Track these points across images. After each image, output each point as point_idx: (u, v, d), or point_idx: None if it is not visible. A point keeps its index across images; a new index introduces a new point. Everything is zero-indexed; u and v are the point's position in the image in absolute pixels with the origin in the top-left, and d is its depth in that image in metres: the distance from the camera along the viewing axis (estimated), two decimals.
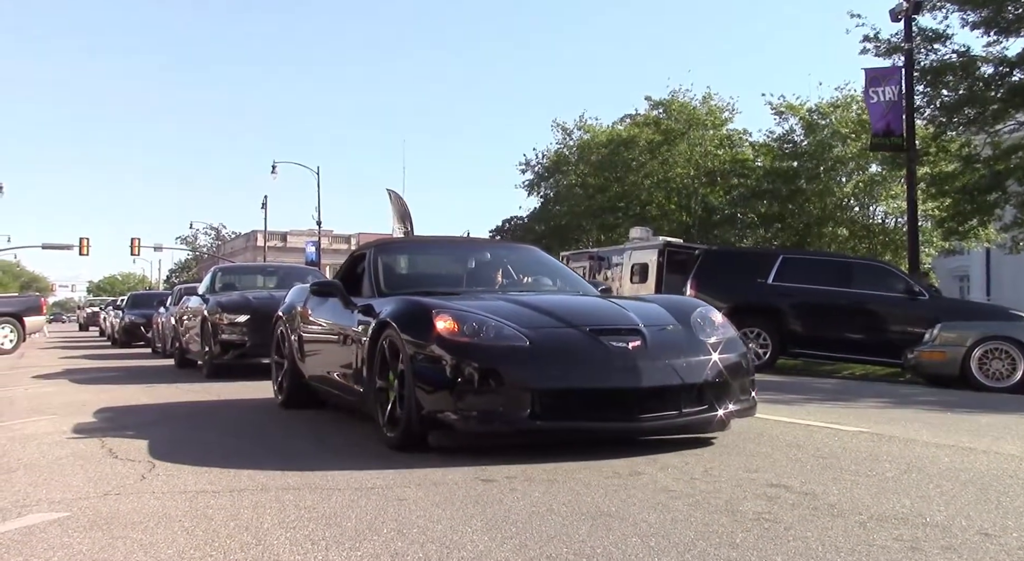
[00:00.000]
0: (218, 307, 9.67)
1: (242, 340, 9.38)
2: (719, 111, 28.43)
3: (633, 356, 4.08)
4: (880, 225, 25.35)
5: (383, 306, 4.67)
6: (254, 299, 9.87)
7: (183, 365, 11.45)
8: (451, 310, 4.26)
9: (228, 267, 14.43)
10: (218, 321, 9.48)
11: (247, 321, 9.40)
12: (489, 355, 3.99)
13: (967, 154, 17.15)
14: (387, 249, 6.02)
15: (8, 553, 2.60)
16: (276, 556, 2.51)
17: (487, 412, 3.94)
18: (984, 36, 15.92)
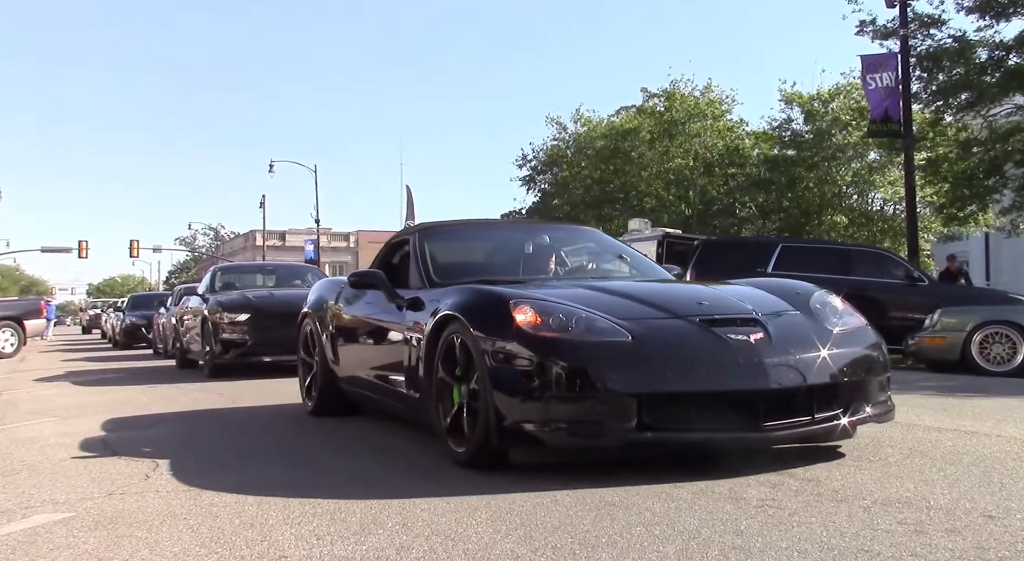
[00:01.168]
0: (218, 306, 9.63)
1: (243, 339, 9.35)
2: (719, 102, 28.42)
3: (756, 351, 3.40)
4: (879, 212, 25.36)
5: (440, 298, 4.05)
6: (254, 298, 9.83)
7: (184, 365, 11.42)
8: (532, 300, 3.63)
9: (227, 266, 14.34)
10: (219, 320, 9.45)
11: (248, 320, 9.38)
12: (583, 353, 3.35)
13: (964, 139, 17.15)
14: (434, 234, 5.27)
15: (14, 554, 2.60)
16: (282, 552, 2.51)
17: (584, 422, 3.31)
18: (979, 20, 15.92)
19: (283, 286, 11.34)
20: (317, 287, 6.36)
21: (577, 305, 3.62)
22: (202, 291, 11.13)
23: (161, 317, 15.84)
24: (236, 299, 9.87)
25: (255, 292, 10.39)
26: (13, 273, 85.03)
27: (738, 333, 3.49)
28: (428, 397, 3.96)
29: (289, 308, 9.53)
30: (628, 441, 3.32)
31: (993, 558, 2.32)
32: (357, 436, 4.83)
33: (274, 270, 12.94)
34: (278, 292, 10.56)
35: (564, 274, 5.01)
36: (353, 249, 60.11)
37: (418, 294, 4.43)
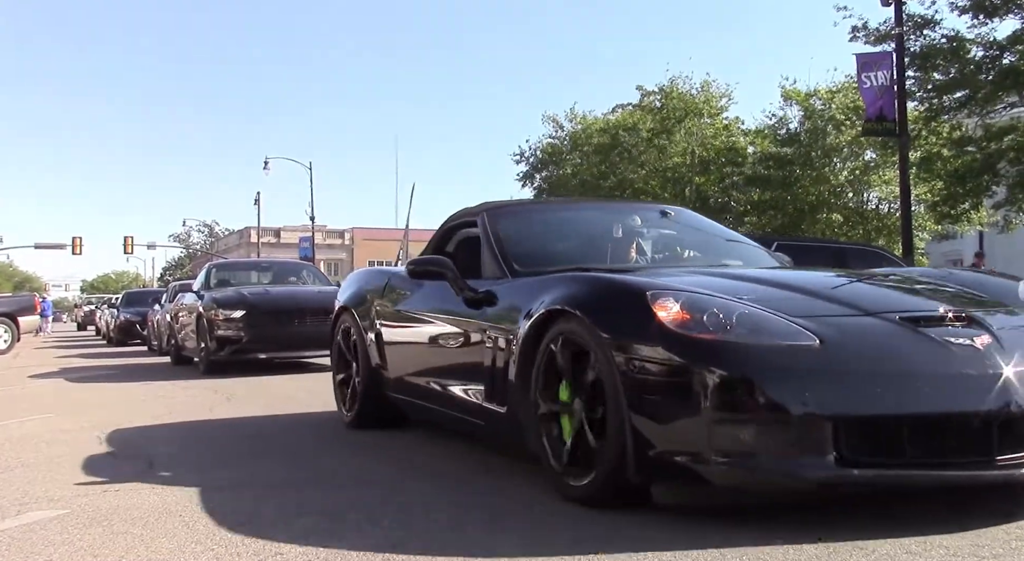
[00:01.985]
0: (213, 303, 9.62)
1: (238, 336, 9.33)
2: (716, 99, 28.44)
3: (987, 359, 2.59)
4: (874, 211, 25.42)
5: (531, 290, 3.30)
6: (249, 295, 9.83)
7: (180, 362, 11.37)
8: (674, 290, 2.80)
9: (223, 263, 14.27)
10: (214, 317, 9.43)
11: (243, 316, 9.37)
12: (756, 361, 2.53)
13: (959, 137, 17.21)
14: (507, 214, 4.38)
15: (9, 550, 2.60)
16: (278, 549, 2.51)
17: (763, 455, 2.48)
18: (973, 20, 15.96)
19: (278, 283, 11.35)
20: (355, 279, 5.52)
21: (732, 298, 2.82)
22: (197, 288, 11.06)
23: (156, 314, 15.75)
24: (231, 296, 9.85)
25: (250, 289, 10.39)
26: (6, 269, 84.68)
27: (957, 335, 2.67)
28: (523, 414, 3.18)
29: (284, 305, 9.68)
30: (826, 480, 2.46)
31: None
32: (352, 434, 4.82)
33: (269, 267, 12.90)
34: (273, 289, 10.56)
35: (662, 261, 4.19)
36: (348, 246, 60.03)
37: (496, 286, 3.65)
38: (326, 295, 9.99)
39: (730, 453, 2.49)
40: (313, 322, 9.30)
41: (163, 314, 14.60)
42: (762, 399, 2.47)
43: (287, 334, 9.37)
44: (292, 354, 9.58)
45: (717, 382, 2.50)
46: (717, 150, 27.64)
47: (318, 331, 9.15)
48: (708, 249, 4.36)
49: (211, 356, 9.46)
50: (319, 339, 9.17)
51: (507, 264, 3.78)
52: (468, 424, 3.75)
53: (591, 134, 30.01)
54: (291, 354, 9.57)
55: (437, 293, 4.03)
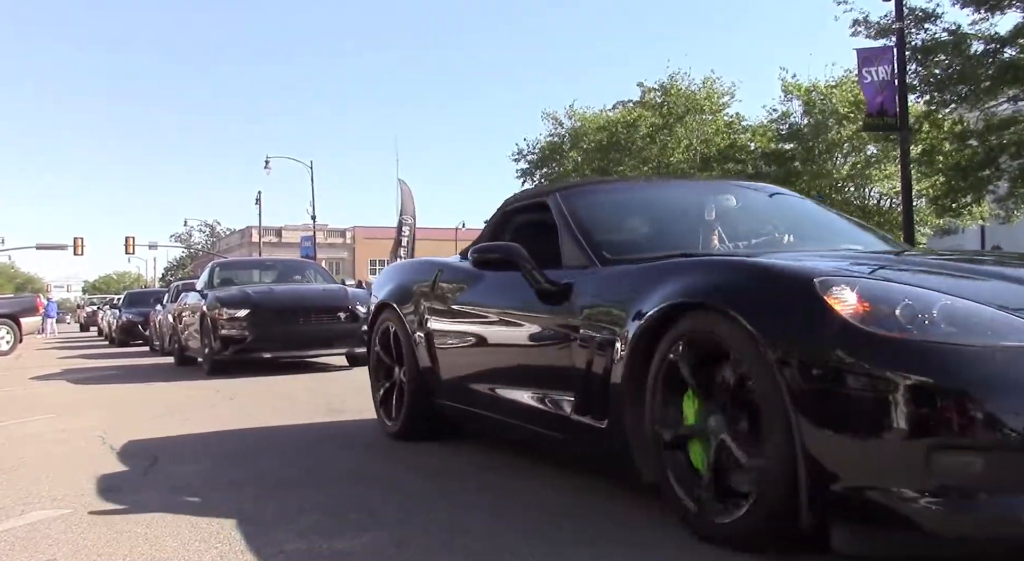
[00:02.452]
0: (217, 302, 9.43)
1: (242, 335, 9.16)
2: (717, 95, 28.43)
3: None
4: (875, 206, 25.41)
5: (639, 283, 2.75)
6: (254, 293, 9.67)
7: (183, 362, 11.27)
8: (848, 277, 2.23)
9: (226, 262, 14.00)
10: (217, 317, 9.24)
11: (247, 316, 9.20)
12: (978, 367, 1.95)
13: (960, 131, 17.19)
14: (585, 193, 3.84)
15: (13, 549, 2.60)
16: (280, 547, 2.52)
17: (993, 493, 1.91)
18: (974, 13, 15.94)
19: (283, 282, 11.16)
20: (396, 271, 4.89)
21: (923, 286, 2.23)
22: (200, 287, 10.83)
23: (158, 314, 15.75)
24: (235, 295, 9.66)
25: (254, 288, 10.23)
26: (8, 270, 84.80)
27: None
28: (632, 433, 2.65)
29: (289, 304, 9.53)
30: None
31: None
32: (354, 433, 4.82)
33: (273, 265, 12.71)
34: (277, 288, 10.40)
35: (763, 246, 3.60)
36: (350, 245, 60.05)
37: (582, 276, 3.10)
38: (331, 293, 9.94)
39: (947, 490, 1.91)
40: (318, 321, 9.28)
41: (165, 314, 14.59)
42: (988, 418, 1.89)
43: (292, 333, 9.27)
44: (297, 353, 9.50)
45: (924, 396, 1.93)
46: (719, 147, 27.63)
47: (323, 330, 9.29)
48: (822, 231, 3.75)
49: (215, 356, 9.32)
50: (324, 338, 9.30)
51: (595, 250, 3.19)
52: (545, 438, 3.22)
53: (591, 131, 30.01)
54: (296, 353, 9.49)
55: (504, 285, 3.51)
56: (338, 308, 9.47)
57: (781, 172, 24.69)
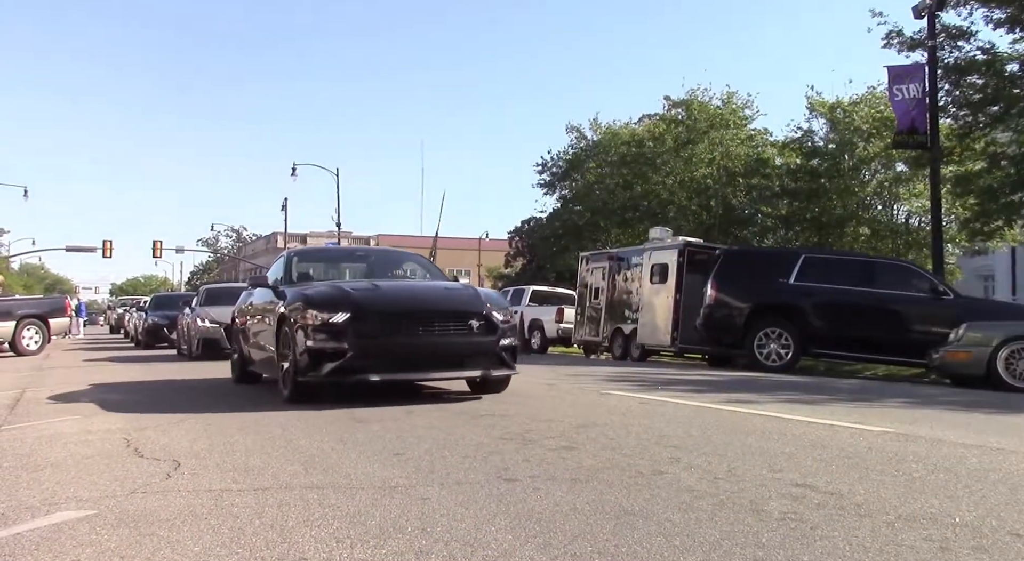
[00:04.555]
0: (303, 303, 6.76)
1: (339, 349, 6.46)
2: (741, 109, 28.33)
3: None
4: (903, 225, 25.12)
5: None
6: (355, 291, 6.94)
7: (245, 379, 8.89)
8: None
9: (306, 250, 11.08)
10: (304, 322, 6.60)
11: (347, 322, 6.50)
12: None
13: (992, 152, 16.96)
14: None
15: (38, 549, 2.63)
16: (301, 554, 2.52)
17: None
18: (1009, 34, 15.75)
19: (375, 276, 8.35)
20: None
21: None
22: (274, 281, 8.22)
23: (186, 317, 15.86)
24: (329, 292, 6.99)
25: (352, 284, 7.48)
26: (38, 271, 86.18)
27: None
28: None
29: (404, 306, 6.89)
30: None
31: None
32: (377, 441, 4.83)
33: (366, 256, 10.07)
34: (384, 284, 7.59)
35: None
36: None
37: None
38: (459, 294, 7.36)
39: None
40: (443, 331, 6.68)
41: (193, 318, 14.86)
42: None
43: (409, 348, 6.61)
44: (415, 376, 6.95)
45: None
46: (743, 161, 27.49)
47: (451, 344, 6.73)
48: None
49: (301, 376, 6.61)
50: (453, 355, 6.73)
51: None
52: None
53: (616, 144, 30.01)
54: (414, 376, 6.94)
55: None
56: (470, 314, 6.79)
57: (807, 188, 24.50)
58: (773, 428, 5.12)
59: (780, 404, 6.68)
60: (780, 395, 7.56)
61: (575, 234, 30.09)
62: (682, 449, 4.29)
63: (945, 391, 8.76)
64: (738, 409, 6.24)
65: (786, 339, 12.04)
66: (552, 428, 5.12)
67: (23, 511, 3.15)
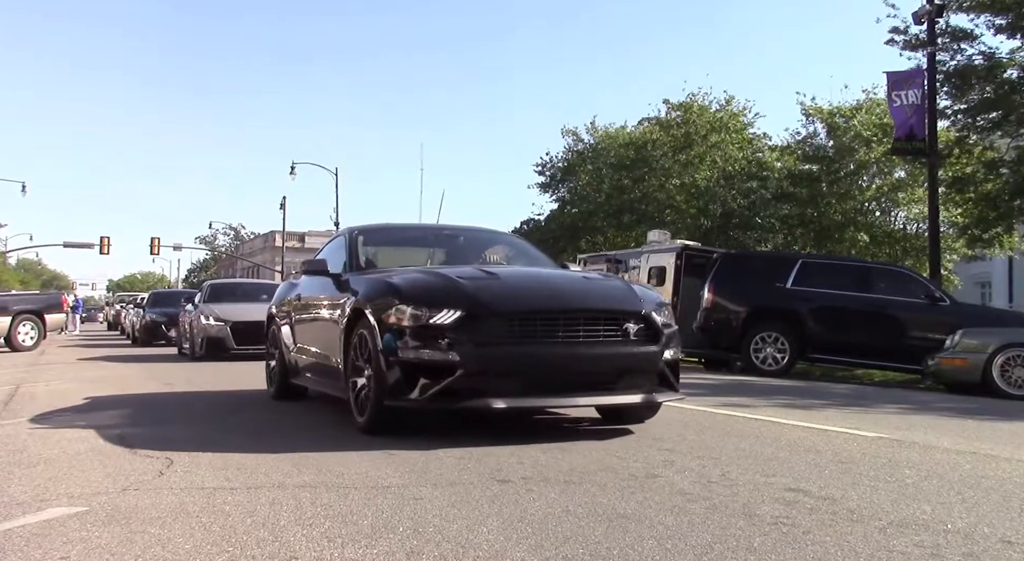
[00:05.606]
0: (393, 295, 4.84)
1: (448, 362, 4.52)
2: (740, 115, 28.35)
3: None
4: (901, 230, 25.14)
5: None
6: (467, 280, 4.98)
7: (287, 395, 7.00)
8: None
9: (375, 228, 7.27)
10: (395, 322, 4.68)
11: (459, 323, 4.56)
12: None
13: (991, 158, 16.98)
14: None
15: (28, 546, 2.62)
16: (293, 553, 2.51)
17: None
18: (1009, 40, 15.77)
19: (457, 262, 6.33)
20: None
21: None
22: (337, 269, 6.13)
23: (188, 314, 14.94)
24: (430, 281, 5.03)
25: (457, 270, 5.34)
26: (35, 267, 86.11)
27: None
28: None
29: (539, 303, 4.88)
30: None
31: None
32: (375, 442, 4.82)
33: (454, 236, 7.20)
34: (505, 272, 5.60)
35: None
36: None
37: None
38: (607, 288, 5.34)
39: None
40: (590, 338, 4.74)
41: (197, 315, 13.96)
42: None
43: (547, 361, 4.66)
44: (553, 401, 4.91)
45: None
46: (741, 165, 27.50)
47: (600, 356, 4.76)
48: None
49: (389, 399, 4.69)
50: (601, 370, 4.79)
51: None
52: None
53: (614, 147, 30.03)
54: (551, 401, 4.90)
55: None
56: (625, 314, 4.91)
57: (806, 193, 24.51)
58: (767, 432, 5.12)
59: (775, 408, 6.69)
60: (775, 399, 7.57)
61: (573, 236, 30.09)
62: (676, 452, 4.30)
63: (940, 397, 8.77)
64: (733, 413, 6.25)
65: (782, 343, 12.04)
66: (545, 430, 5.11)
67: (14, 507, 3.14)
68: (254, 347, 12.43)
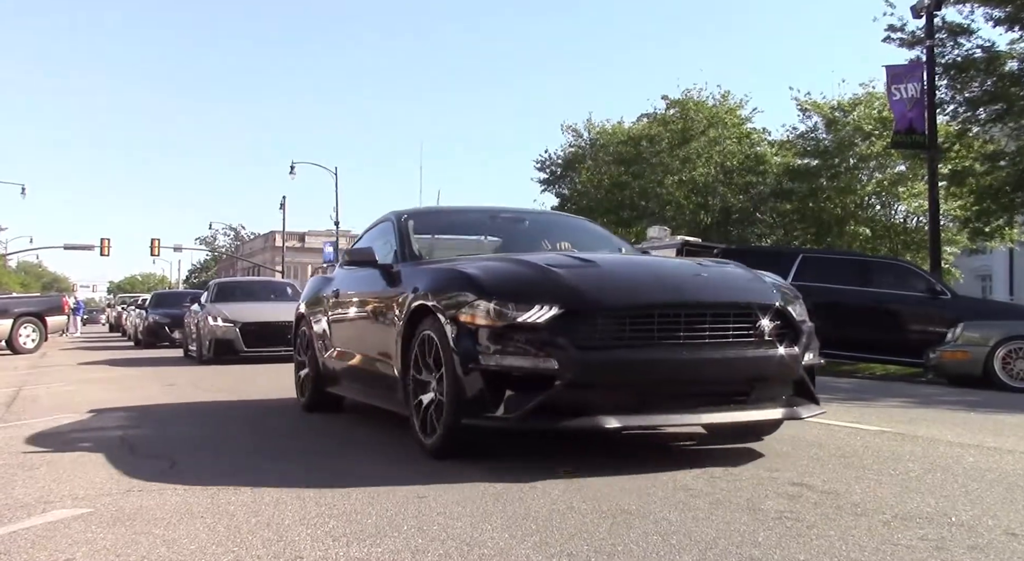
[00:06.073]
0: (469, 286, 3.98)
1: (543, 369, 3.66)
2: (737, 108, 28.33)
3: None
4: (902, 224, 25.14)
5: None
6: (561, 269, 4.08)
7: (319, 405, 6.09)
8: None
9: (426, 212, 6.69)
10: (473, 320, 3.83)
11: (556, 322, 3.71)
12: None
13: (991, 151, 16.97)
14: None
15: (33, 548, 2.62)
16: (297, 552, 2.52)
17: None
18: (1008, 32, 15.76)
19: (516, 247, 5.26)
20: None
21: None
22: (385, 258, 5.21)
23: (195, 315, 14.08)
24: (516, 271, 4.12)
25: (545, 257, 4.46)
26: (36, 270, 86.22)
27: None
28: None
29: (654, 295, 3.94)
30: None
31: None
32: (377, 440, 4.83)
33: (517, 220, 6.06)
34: (603, 258, 4.64)
35: None
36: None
37: None
38: (727, 274, 4.41)
39: None
40: (718, 337, 3.88)
41: (204, 316, 13.15)
42: None
43: (667, 368, 3.79)
44: (675, 418, 3.85)
45: None
46: (740, 160, 27.49)
47: (728, 361, 3.86)
48: None
49: (468, 417, 3.82)
50: (731, 379, 3.92)
51: None
52: None
53: (613, 143, 30.03)
54: (673, 418, 3.85)
55: None
56: (757, 307, 4.03)
57: (805, 188, 24.51)
58: None
59: None
60: None
61: None
62: (678, 447, 4.29)
63: (942, 391, 8.77)
64: None
65: None
66: None
67: (18, 509, 3.14)
68: (265, 350, 12.14)
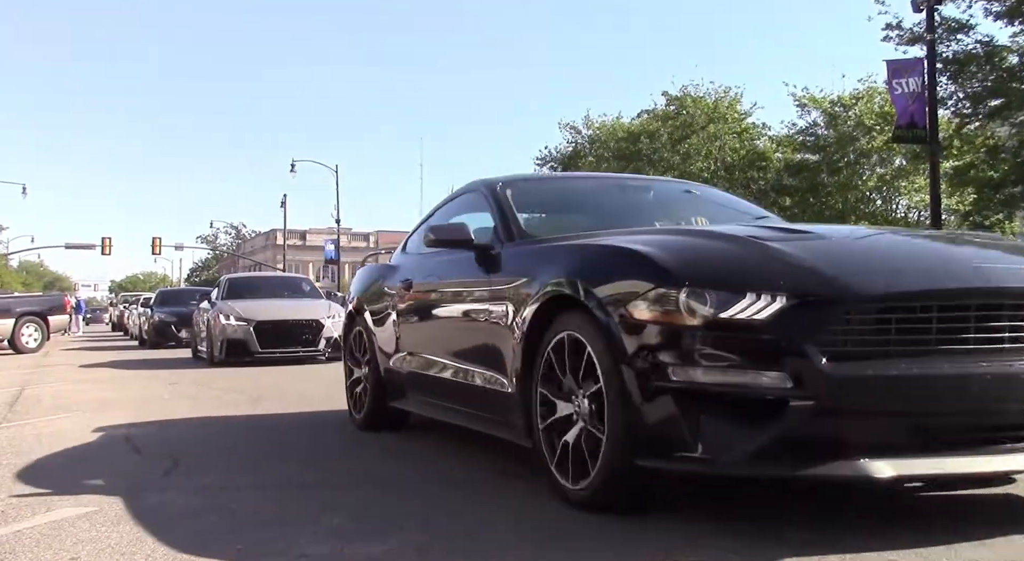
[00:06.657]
0: (640, 269, 2.70)
1: (774, 387, 2.41)
2: (736, 102, 28.31)
3: None
4: (903, 219, 25.14)
5: None
6: (776, 242, 2.80)
7: (380, 422, 4.94)
8: None
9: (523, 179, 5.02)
10: (653, 317, 2.56)
11: (785, 316, 2.43)
12: None
13: (992, 145, 16.95)
14: None
15: (38, 546, 2.63)
16: (301, 550, 2.52)
17: None
18: (1008, 27, 15.74)
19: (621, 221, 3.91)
20: None
21: None
22: (484, 238, 3.88)
23: (204, 313, 13.16)
24: (709, 246, 2.89)
25: (740, 229, 3.22)
26: (37, 269, 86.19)
27: None
28: None
29: (925, 277, 2.62)
30: None
31: None
32: (380, 439, 4.83)
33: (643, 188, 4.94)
34: (824, 229, 3.23)
35: None
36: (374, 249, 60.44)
37: None
38: (1012, 249, 3.16)
39: None
40: (1018, 340, 2.54)
41: (215, 314, 12.17)
42: None
43: (958, 387, 2.46)
44: (980, 465, 2.48)
45: None
46: (741, 156, 27.48)
47: None
48: None
49: (647, 457, 2.59)
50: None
51: None
52: None
53: (612, 139, 30.04)
54: (975, 464, 2.47)
55: None
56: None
57: (806, 183, 24.51)
58: None
59: None
60: None
61: None
62: None
63: None
64: None
65: None
66: None
67: (23, 508, 3.14)
68: (281, 350, 11.59)
